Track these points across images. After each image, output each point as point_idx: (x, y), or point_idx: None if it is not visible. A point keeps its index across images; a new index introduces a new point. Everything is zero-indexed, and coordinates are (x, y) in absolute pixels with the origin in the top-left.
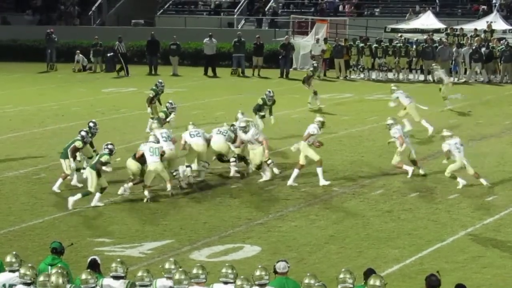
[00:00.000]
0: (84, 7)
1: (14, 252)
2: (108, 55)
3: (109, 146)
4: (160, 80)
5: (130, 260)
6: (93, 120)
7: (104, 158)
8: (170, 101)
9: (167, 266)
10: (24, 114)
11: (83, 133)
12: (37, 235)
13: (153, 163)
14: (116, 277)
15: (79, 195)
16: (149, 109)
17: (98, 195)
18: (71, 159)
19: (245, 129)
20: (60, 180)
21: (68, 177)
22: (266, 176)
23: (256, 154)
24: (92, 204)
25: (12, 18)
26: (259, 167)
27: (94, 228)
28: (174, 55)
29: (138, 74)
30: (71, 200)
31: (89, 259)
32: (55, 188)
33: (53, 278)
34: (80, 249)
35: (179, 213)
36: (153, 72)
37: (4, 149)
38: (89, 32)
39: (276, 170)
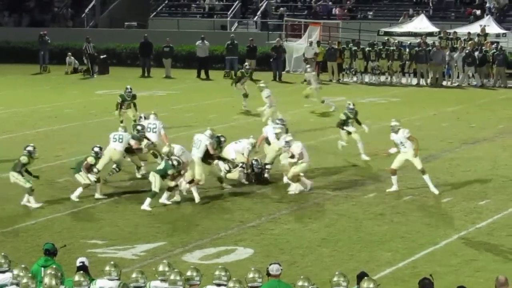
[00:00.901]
0: (77, 9)
1: (2, 253)
2: (101, 57)
3: (95, 149)
4: (128, 86)
5: (122, 262)
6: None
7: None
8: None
9: (160, 268)
10: (17, 116)
11: (96, 149)
12: (30, 236)
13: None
14: (110, 280)
15: (148, 200)
16: (116, 112)
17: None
18: (86, 174)
19: (277, 136)
20: (80, 190)
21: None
22: (293, 188)
23: (289, 165)
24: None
25: (4, 19)
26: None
27: (87, 229)
28: (167, 57)
29: (131, 76)
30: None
31: (78, 263)
32: (74, 197)
33: (46, 280)
34: (73, 250)
35: (172, 215)
36: (146, 74)
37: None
38: (82, 34)
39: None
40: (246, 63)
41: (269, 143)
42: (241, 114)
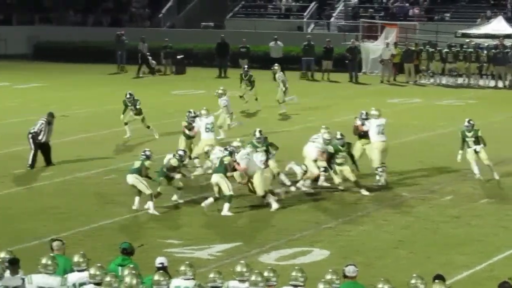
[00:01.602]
0: (155, 9)
1: (81, 252)
2: (178, 57)
3: (180, 152)
4: (129, 92)
5: (199, 262)
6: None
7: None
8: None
9: (238, 269)
10: (95, 115)
11: (180, 152)
12: (107, 235)
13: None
14: (185, 279)
15: (227, 205)
16: (121, 117)
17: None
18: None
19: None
20: (176, 195)
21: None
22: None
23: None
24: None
25: (84, 19)
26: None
27: (164, 229)
28: (243, 58)
29: (208, 76)
30: (225, 210)
31: (157, 264)
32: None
33: (127, 279)
34: (149, 250)
35: (248, 216)
36: (222, 75)
37: (75, 150)
38: (159, 35)
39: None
40: (245, 66)
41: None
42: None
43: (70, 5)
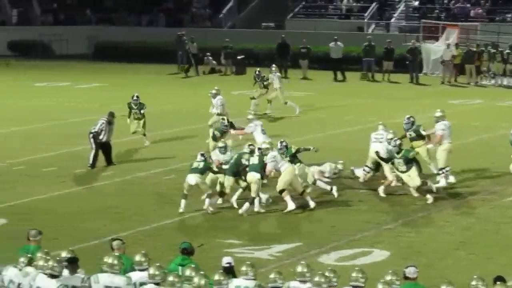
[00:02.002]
0: (215, 9)
1: (143, 251)
2: (239, 57)
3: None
4: (136, 95)
5: (259, 262)
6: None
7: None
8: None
9: (299, 269)
10: (155, 115)
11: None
12: (166, 235)
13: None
14: (246, 279)
15: (247, 205)
16: (128, 120)
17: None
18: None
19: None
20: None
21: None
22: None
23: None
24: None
25: (144, 19)
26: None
27: (223, 229)
28: (304, 58)
29: None
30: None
31: (224, 263)
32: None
33: (196, 279)
34: (209, 250)
35: (307, 216)
36: (282, 75)
37: (135, 150)
38: (220, 35)
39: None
40: (257, 69)
41: None
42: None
43: (130, 5)
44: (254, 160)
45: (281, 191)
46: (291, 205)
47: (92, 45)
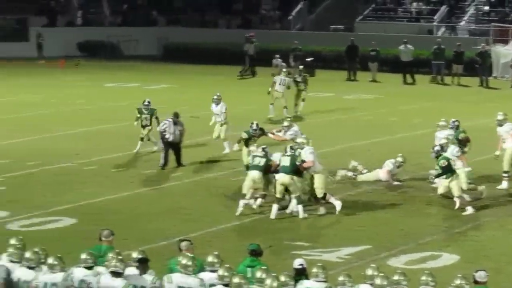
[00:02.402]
0: (285, 11)
1: (215, 253)
2: (307, 60)
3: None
4: (147, 100)
5: (327, 264)
6: None
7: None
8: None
9: (369, 272)
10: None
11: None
12: (235, 236)
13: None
14: (317, 282)
15: (300, 207)
16: (135, 123)
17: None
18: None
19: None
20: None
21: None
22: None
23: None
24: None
25: (214, 21)
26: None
27: (292, 231)
28: (373, 61)
29: (337, 79)
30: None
31: (296, 265)
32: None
33: (268, 281)
34: (277, 252)
35: (376, 219)
36: (352, 78)
37: (204, 151)
38: (289, 37)
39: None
40: (300, 66)
41: None
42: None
43: (199, 6)
44: (285, 161)
45: (324, 196)
46: (338, 204)
47: (161, 46)
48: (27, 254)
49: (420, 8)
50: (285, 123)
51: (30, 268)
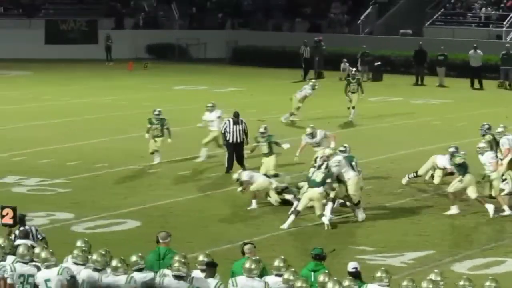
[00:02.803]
0: (353, 16)
1: (282, 257)
2: (375, 64)
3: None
4: (156, 109)
5: (391, 269)
6: None
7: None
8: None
9: (433, 277)
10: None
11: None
12: (299, 240)
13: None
14: (381, 286)
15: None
16: (146, 135)
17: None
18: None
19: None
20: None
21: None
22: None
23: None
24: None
25: (282, 25)
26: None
27: (356, 236)
28: (441, 66)
29: (404, 83)
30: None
31: (350, 268)
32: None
33: (330, 285)
34: (341, 256)
35: (440, 224)
36: (419, 83)
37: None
38: (357, 41)
39: None
40: (354, 68)
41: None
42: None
43: (268, 10)
44: (318, 176)
45: (359, 202)
46: (362, 216)
47: (230, 49)
48: (94, 256)
49: (489, 13)
50: (308, 130)
51: (96, 270)
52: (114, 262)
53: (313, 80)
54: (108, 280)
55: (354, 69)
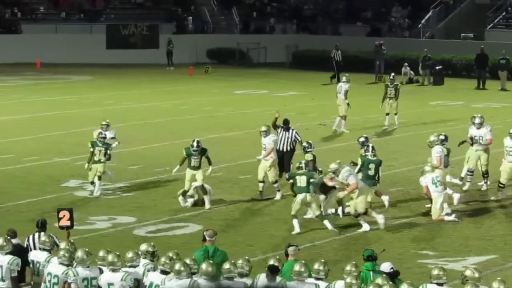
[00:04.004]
0: (414, 19)
1: (322, 260)
2: (437, 68)
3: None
4: (102, 131)
5: (453, 274)
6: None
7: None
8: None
9: (495, 285)
10: (352, 124)
11: None
12: (362, 244)
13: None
14: (439, 284)
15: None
16: (86, 165)
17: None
18: None
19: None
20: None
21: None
22: None
23: None
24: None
25: (343, 29)
26: None
27: (418, 240)
28: (503, 69)
29: (466, 87)
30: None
31: (389, 269)
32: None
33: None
34: (403, 260)
35: (503, 228)
36: (481, 86)
37: (330, 158)
38: (418, 45)
39: None
40: (392, 74)
41: None
42: None
43: (328, 14)
44: (302, 181)
45: (366, 212)
46: (380, 218)
47: (290, 54)
48: (163, 259)
49: None
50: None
51: (163, 272)
52: (177, 266)
53: (346, 75)
54: (171, 284)
55: (393, 74)
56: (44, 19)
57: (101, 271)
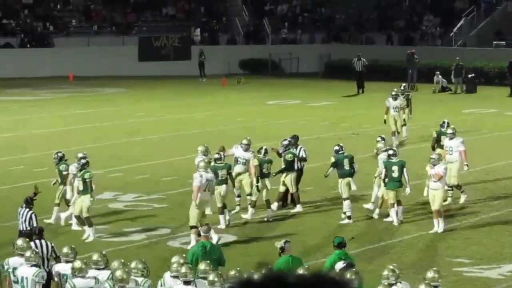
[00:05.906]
0: (446, 28)
1: (354, 269)
2: (469, 76)
3: None
4: (58, 153)
5: (488, 281)
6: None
7: None
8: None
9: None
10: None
11: None
12: (396, 253)
13: None
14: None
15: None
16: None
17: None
18: None
19: None
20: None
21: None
22: None
23: None
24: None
25: (376, 38)
26: None
27: (453, 248)
28: None
29: (499, 95)
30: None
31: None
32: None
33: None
34: (438, 269)
35: None
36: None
37: (364, 168)
38: (450, 53)
39: None
40: (404, 84)
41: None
42: None
43: (360, 23)
44: None
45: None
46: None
47: (322, 63)
48: (184, 269)
49: None
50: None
51: (186, 283)
52: (211, 277)
53: (394, 90)
54: None
55: (404, 84)
56: (76, 32)
57: (97, 280)
